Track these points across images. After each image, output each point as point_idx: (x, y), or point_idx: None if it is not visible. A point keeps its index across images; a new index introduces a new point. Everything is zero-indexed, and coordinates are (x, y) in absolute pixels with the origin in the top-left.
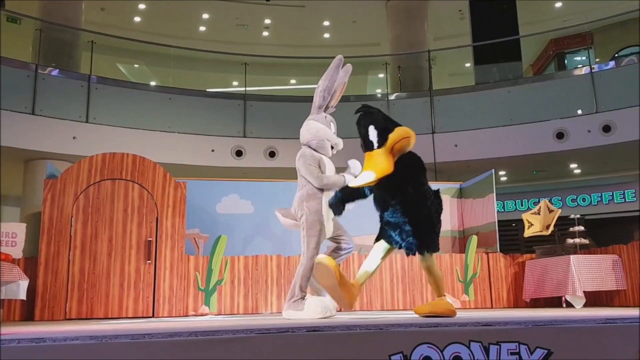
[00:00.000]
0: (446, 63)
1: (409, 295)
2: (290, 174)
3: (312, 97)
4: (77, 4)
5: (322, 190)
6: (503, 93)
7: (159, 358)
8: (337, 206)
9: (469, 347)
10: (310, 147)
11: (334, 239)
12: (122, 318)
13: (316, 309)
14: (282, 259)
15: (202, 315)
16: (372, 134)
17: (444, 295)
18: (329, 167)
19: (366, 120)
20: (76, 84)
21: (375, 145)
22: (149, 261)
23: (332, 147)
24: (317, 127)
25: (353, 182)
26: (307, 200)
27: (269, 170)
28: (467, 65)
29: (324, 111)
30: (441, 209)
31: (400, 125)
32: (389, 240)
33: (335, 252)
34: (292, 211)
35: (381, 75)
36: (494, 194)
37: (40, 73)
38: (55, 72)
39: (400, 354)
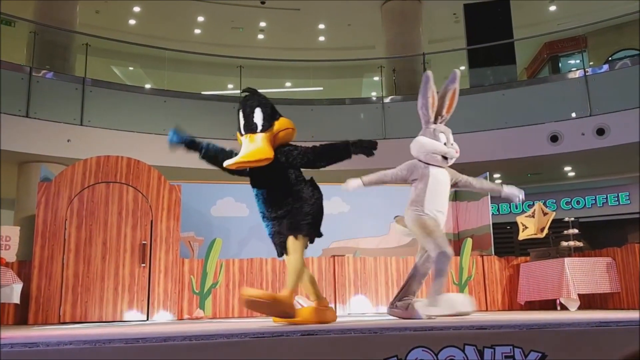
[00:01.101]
0: (441, 66)
1: None
2: None
3: (308, 99)
4: (72, 6)
5: (421, 197)
6: (497, 96)
7: None
8: (193, 147)
9: (463, 351)
10: (420, 160)
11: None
12: (116, 322)
13: (451, 304)
14: (277, 262)
15: (196, 318)
16: (258, 116)
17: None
18: (437, 177)
19: (253, 101)
20: (70, 86)
21: (259, 128)
22: (144, 264)
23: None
24: (422, 142)
25: (228, 162)
26: (411, 207)
27: None
28: (462, 68)
29: (436, 122)
30: (320, 198)
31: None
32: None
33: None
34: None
35: (376, 78)
36: (489, 196)
37: (35, 76)
38: (49, 75)
39: (395, 358)
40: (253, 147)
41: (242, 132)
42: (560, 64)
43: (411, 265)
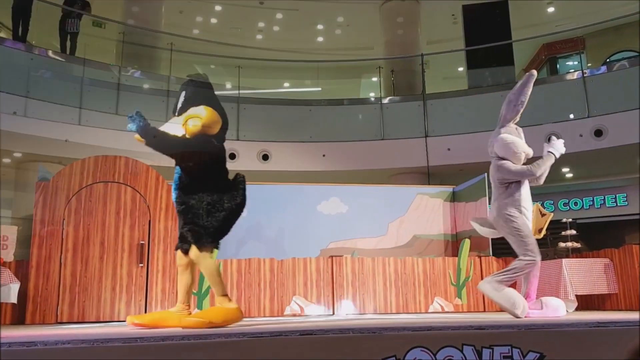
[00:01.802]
0: (439, 67)
1: (402, 298)
2: (283, 177)
3: (306, 100)
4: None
5: (516, 197)
6: (496, 97)
7: None
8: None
9: (461, 351)
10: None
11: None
12: (114, 321)
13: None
14: (275, 262)
15: None
16: (180, 99)
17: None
18: None
19: (186, 86)
20: (68, 85)
21: (176, 111)
22: (141, 264)
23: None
24: (513, 141)
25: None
26: (506, 209)
27: (263, 173)
28: (460, 69)
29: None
30: (240, 201)
31: (217, 110)
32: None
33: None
34: (491, 220)
35: (375, 79)
36: (487, 197)
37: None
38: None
39: (394, 357)
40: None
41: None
42: (558, 65)
43: (409, 265)
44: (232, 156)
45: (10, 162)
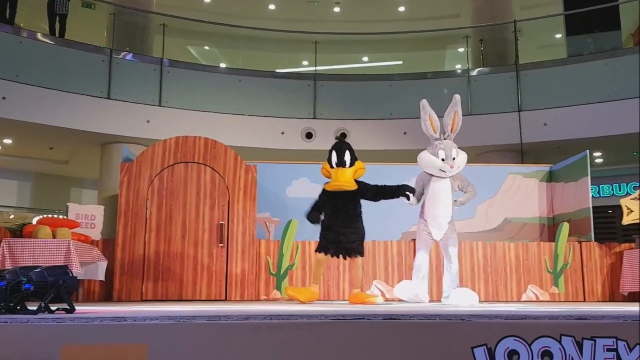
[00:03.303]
0: (534, 34)
1: (492, 286)
2: (363, 156)
3: (387, 75)
4: None
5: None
6: (599, 66)
7: (233, 339)
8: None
9: (559, 342)
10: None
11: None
12: (195, 301)
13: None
14: None
15: (273, 300)
16: (347, 156)
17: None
18: (436, 187)
19: (347, 144)
20: (149, 67)
21: (348, 164)
22: (221, 244)
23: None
24: (421, 157)
25: (328, 186)
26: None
27: None
28: (558, 36)
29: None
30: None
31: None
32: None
33: None
34: None
35: (461, 50)
36: (589, 177)
37: (115, 57)
38: (129, 57)
39: (484, 347)
40: (347, 177)
41: (334, 165)
42: None
43: (500, 251)
44: (309, 135)
45: (97, 144)
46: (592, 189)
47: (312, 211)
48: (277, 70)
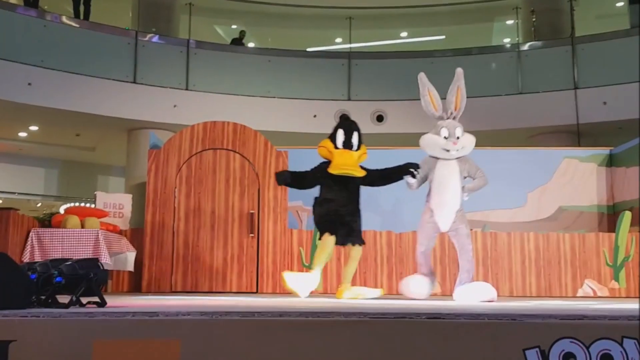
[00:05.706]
0: (592, 3)
1: (544, 280)
2: (400, 139)
3: (428, 51)
4: None
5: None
6: None
7: (268, 336)
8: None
9: (621, 345)
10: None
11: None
12: (226, 293)
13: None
14: (392, 236)
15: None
16: (356, 138)
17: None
18: (441, 171)
19: (357, 125)
20: (175, 49)
21: (355, 147)
22: (252, 234)
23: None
24: (423, 138)
25: (332, 170)
26: None
27: (377, 137)
28: (620, 4)
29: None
30: None
31: None
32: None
33: None
34: None
35: (510, 22)
36: None
37: (140, 40)
38: (155, 39)
39: (537, 349)
40: (354, 162)
41: (339, 145)
42: None
43: (553, 242)
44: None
45: (123, 130)
46: None
47: (292, 175)
48: (308, 49)
